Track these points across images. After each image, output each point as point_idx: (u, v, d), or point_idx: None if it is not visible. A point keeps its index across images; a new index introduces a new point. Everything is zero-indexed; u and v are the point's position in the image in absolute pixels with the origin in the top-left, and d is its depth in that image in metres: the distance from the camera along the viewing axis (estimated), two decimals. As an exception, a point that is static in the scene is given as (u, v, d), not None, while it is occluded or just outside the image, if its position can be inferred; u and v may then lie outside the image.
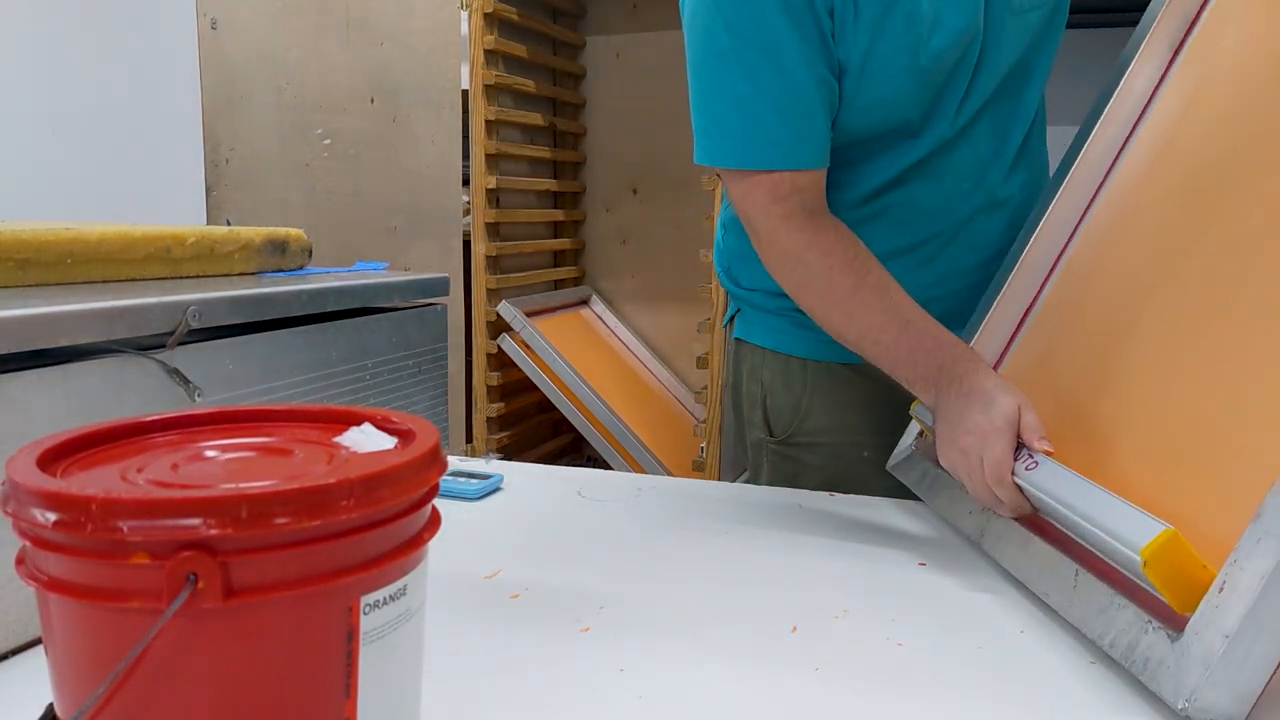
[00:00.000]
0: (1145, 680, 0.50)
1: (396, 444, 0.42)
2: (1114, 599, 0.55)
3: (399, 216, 2.19)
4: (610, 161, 2.49)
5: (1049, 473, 0.63)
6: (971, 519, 0.74)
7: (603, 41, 2.46)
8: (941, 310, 0.79)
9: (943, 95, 0.83)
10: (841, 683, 0.52)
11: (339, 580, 0.35)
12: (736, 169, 0.80)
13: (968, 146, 0.87)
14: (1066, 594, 0.59)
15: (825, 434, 0.95)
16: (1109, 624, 0.54)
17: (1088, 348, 0.74)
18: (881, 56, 0.78)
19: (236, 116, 2.21)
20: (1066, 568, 0.60)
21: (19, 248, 0.73)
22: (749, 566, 0.69)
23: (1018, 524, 0.68)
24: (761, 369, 0.98)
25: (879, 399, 0.91)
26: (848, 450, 0.95)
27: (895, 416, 0.88)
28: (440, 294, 1.04)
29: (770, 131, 0.77)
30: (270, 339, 0.78)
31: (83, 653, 0.34)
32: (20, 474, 0.34)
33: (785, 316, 0.94)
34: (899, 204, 0.88)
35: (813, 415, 0.95)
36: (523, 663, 0.54)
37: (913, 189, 0.87)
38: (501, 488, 0.87)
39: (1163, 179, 0.75)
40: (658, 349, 2.49)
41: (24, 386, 0.56)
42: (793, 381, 0.95)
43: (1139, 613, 0.53)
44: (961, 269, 0.90)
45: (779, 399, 0.97)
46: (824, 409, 0.94)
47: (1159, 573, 0.51)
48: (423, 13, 2.12)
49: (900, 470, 0.87)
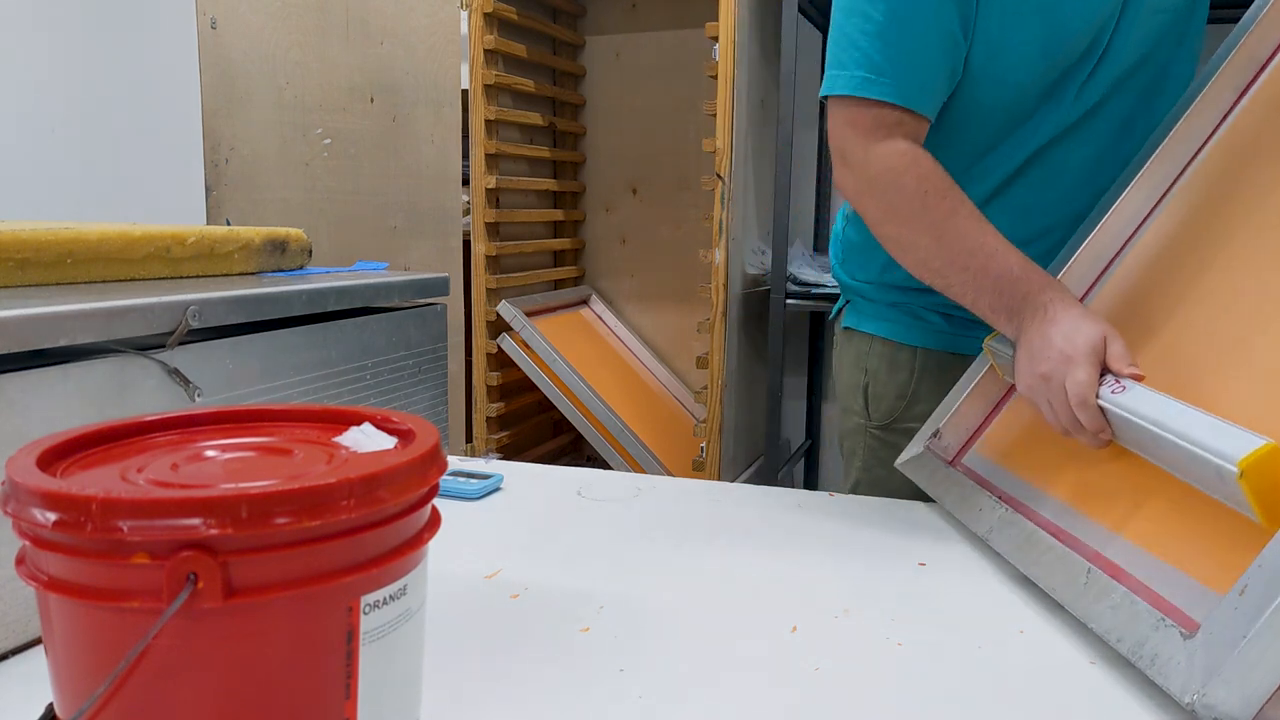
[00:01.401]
0: (1153, 675, 0.50)
1: (396, 444, 0.42)
2: (1125, 596, 0.55)
3: (399, 216, 2.19)
4: (610, 161, 2.49)
5: (1137, 396, 0.62)
6: (981, 517, 0.74)
7: (603, 41, 2.46)
8: None
9: (1066, 78, 0.85)
10: (841, 683, 0.52)
11: (339, 580, 0.35)
12: (850, 95, 0.82)
13: (1089, 139, 0.88)
14: (1076, 590, 0.59)
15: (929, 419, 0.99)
16: (1118, 620, 0.54)
17: (1177, 290, 0.72)
18: (1015, 30, 0.81)
19: (236, 116, 2.21)
20: (1077, 565, 0.60)
21: (19, 247, 0.73)
22: (749, 566, 0.69)
23: (1027, 522, 0.68)
24: (868, 356, 1.01)
25: None
26: None
27: None
28: (440, 294, 1.04)
29: (892, 67, 0.80)
30: (270, 339, 0.78)
31: (83, 653, 0.34)
32: (20, 474, 0.34)
33: (898, 307, 0.98)
34: (1018, 196, 0.90)
35: (920, 401, 0.97)
36: (523, 663, 0.54)
37: (1032, 180, 0.89)
38: (501, 488, 0.87)
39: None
40: (658, 349, 2.49)
41: (24, 386, 0.56)
42: (899, 368, 0.98)
43: (1150, 610, 0.53)
44: None
45: (882, 385, 1.00)
46: (930, 394, 0.96)
47: (1255, 485, 0.49)
48: (422, 12, 2.12)
49: (910, 468, 0.87)
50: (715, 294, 1.93)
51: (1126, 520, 0.62)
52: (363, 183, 2.20)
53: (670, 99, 2.40)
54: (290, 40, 2.18)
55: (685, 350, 2.44)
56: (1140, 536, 0.60)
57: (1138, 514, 0.62)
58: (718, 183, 1.89)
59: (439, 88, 2.12)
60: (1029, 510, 0.71)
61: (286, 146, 2.21)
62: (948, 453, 0.85)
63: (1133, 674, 0.53)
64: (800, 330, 2.38)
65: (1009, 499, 0.74)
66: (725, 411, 1.99)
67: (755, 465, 2.22)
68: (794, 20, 1.92)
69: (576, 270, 2.51)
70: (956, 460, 0.85)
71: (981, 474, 0.80)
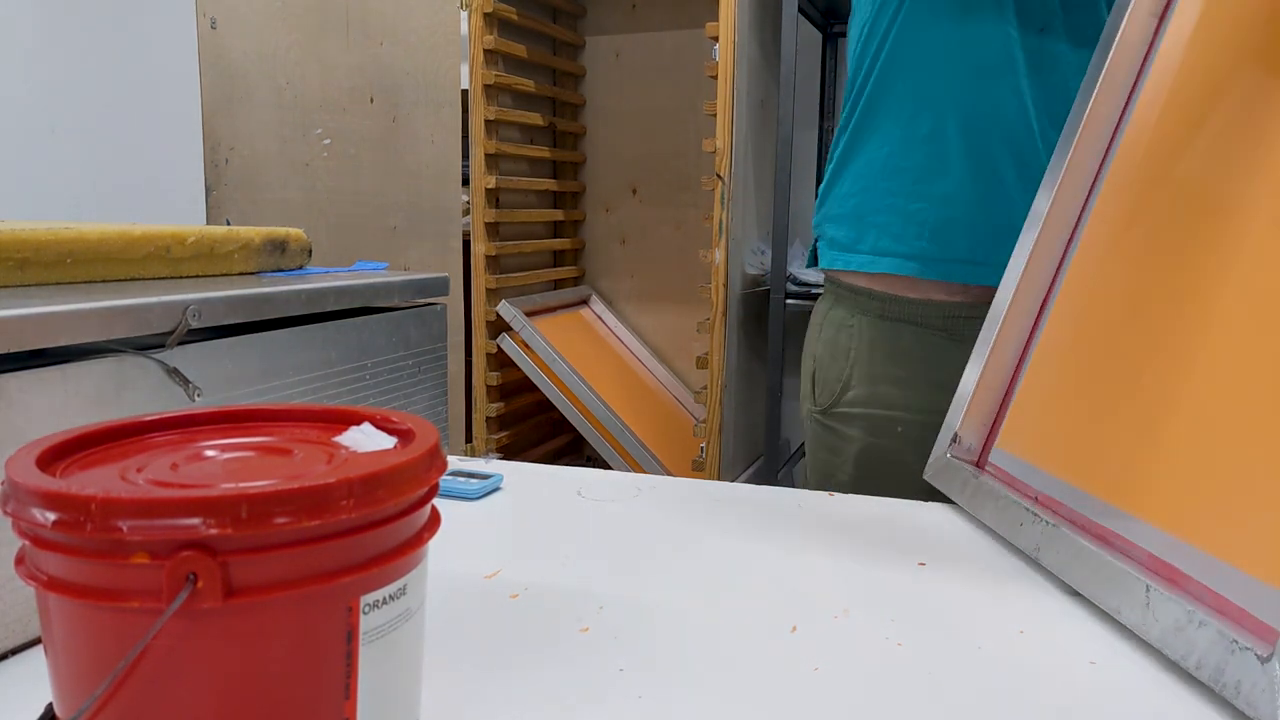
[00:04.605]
0: (1240, 705, 0.47)
1: (396, 444, 0.42)
2: (1192, 615, 0.51)
3: (399, 216, 2.19)
4: (610, 161, 2.49)
5: None
6: (1023, 532, 0.70)
7: (603, 41, 2.46)
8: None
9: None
10: (841, 683, 0.52)
11: (339, 580, 0.35)
12: None
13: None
14: (1139, 612, 0.55)
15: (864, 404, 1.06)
16: (1190, 645, 0.51)
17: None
18: None
19: (236, 116, 2.21)
20: (1136, 584, 0.56)
21: (19, 247, 0.73)
22: (749, 566, 0.69)
23: (1073, 534, 0.65)
24: (816, 342, 1.10)
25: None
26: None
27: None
28: (440, 294, 1.04)
29: None
30: (270, 339, 0.78)
31: (82, 653, 0.34)
32: (20, 474, 0.34)
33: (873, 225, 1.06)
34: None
35: (854, 386, 1.04)
36: (523, 663, 0.54)
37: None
38: (501, 488, 0.87)
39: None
40: (658, 349, 2.49)
41: (24, 386, 0.56)
42: (839, 355, 1.07)
43: (1222, 630, 0.49)
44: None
45: (825, 369, 1.09)
46: (867, 378, 1.03)
47: None
48: (422, 12, 2.12)
49: (940, 481, 0.84)
50: (715, 294, 1.93)
51: (1176, 514, 0.59)
52: (363, 183, 2.20)
53: (670, 99, 2.40)
54: (290, 40, 2.18)
55: (685, 350, 2.44)
56: (1194, 533, 0.56)
57: (1186, 505, 0.58)
58: (718, 183, 1.89)
59: (439, 88, 2.12)
60: (1069, 511, 0.68)
61: (286, 146, 2.21)
62: (972, 454, 0.83)
63: (1134, 674, 0.53)
64: (800, 330, 2.37)
65: (1046, 502, 0.71)
66: (725, 411, 1.99)
67: (755, 465, 2.23)
68: (794, 20, 1.92)
69: (576, 270, 2.51)
70: (983, 460, 0.83)
71: (1012, 473, 0.78)
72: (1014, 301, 0.83)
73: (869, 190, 1.05)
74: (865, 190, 1.05)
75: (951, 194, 0.99)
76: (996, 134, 0.98)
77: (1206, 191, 0.67)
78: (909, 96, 1.01)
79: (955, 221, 1.00)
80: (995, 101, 0.97)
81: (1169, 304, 0.66)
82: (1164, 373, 0.64)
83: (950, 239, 1.00)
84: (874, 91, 1.03)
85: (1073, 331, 0.78)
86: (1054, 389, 0.77)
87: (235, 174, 2.22)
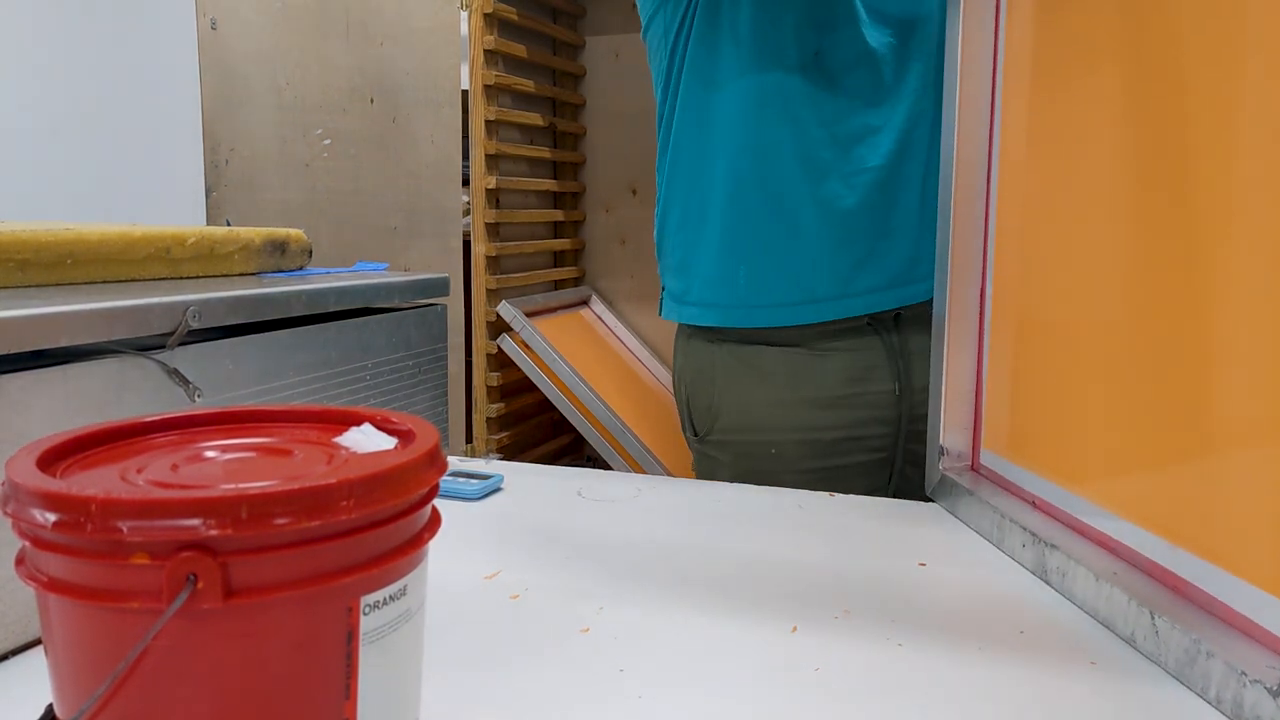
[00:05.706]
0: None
1: (396, 444, 0.42)
2: (1200, 646, 0.50)
3: (399, 216, 2.19)
4: (610, 161, 2.49)
5: None
6: (1027, 553, 0.69)
7: (603, 41, 2.46)
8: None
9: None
10: (841, 683, 0.52)
11: (339, 580, 0.35)
12: None
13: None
14: (1152, 640, 0.54)
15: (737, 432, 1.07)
16: (1206, 677, 0.50)
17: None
18: None
19: (236, 116, 2.21)
20: (1142, 613, 0.55)
21: (19, 248, 0.73)
22: (749, 566, 0.69)
23: (1074, 546, 0.63)
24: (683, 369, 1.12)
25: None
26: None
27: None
28: (440, 294, 1.04)
29: None
30: (270, 339, 0.78)
31: (82, 653, 0.34)
32: (20, 474, 0.34)
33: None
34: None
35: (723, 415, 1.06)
36: (523, 663, 0.54)
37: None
38: (501, 488, 0.87)
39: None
40: (658, 349, 2.49)
41: (24, 386, 0.56)
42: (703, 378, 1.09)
43: (1229, 664, 0.48)
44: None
45: (698, 396, 1.10)
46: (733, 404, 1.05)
47: None
48: (422, 13, 2.12)
49: (944, 502, 0.83)
50: (715, 294, 1.92)
51: (1174, 521, 0.57)
52: (363, 183, 2.20)
53: (670, 99, 2.40)
54: (290, 40, 2.18)
55: (685, 350, 2.43)
56: (1194, 543, 0.55)
57: (1183, 511, 0.57)
58: (718, 183, 1.88)
59: (439, 88, 2.12)
60: (1068, 518, 0.67)
61: (286, 147, 2.21)
62: (963, 460, 0.83)
63: (1134, 675, 0.53)
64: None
65: (1043, 505, 0.70)
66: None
67: (755, 465, 2.22)
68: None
69: (576, 271, 2.51)
70: (975, 462, 0.82)
71: (1004, 476, 0.77)
72: (952, 301, 0.81)
73: (690, 244, 1.06)
74: (687, 244, 1.07)
75: (765, 242, 1.01)
76: (782, 174, 0.98)
77: (1118, 158, 0.63)
78: (699, 150, 1.03)
79: (767, 268, 1.01)
80: (776, 141, 0.98)
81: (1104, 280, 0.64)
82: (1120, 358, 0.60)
83: (765, 285, 1.02)
84: (674, 144, 1.06)
85: (1018, 324, 0.77)
86: (1026, 385, 0.76)
87: (235, 174, 2.22)
